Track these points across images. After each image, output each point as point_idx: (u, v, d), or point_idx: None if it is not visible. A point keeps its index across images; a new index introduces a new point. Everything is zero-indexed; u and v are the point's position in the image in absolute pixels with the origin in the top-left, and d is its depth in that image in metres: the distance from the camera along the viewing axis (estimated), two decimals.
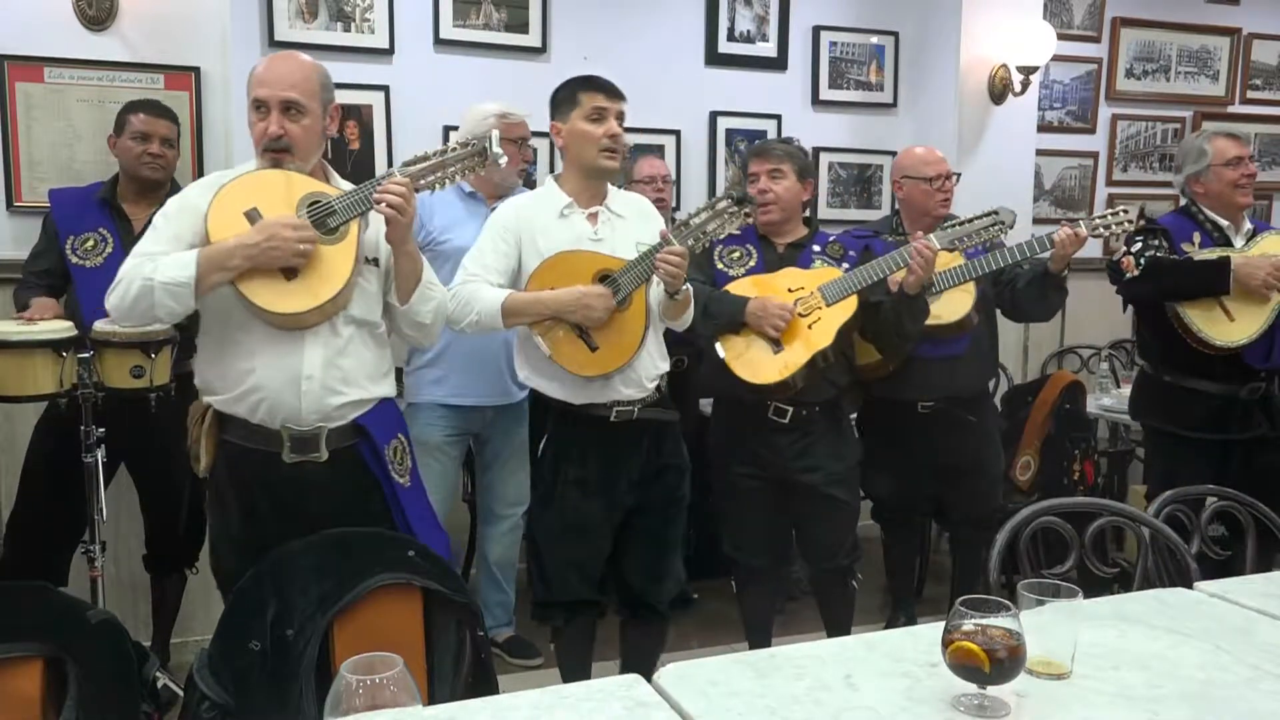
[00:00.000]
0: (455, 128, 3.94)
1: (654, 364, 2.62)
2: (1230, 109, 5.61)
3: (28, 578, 2.79)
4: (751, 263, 2.95)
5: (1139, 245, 3.12)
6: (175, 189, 3.04)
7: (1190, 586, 1.83)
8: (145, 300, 2.08)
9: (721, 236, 2.60)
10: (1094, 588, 1.70)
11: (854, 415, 3.35)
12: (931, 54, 4.68)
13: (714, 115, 4.47)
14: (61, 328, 2.64)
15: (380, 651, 1.09)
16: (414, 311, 2.29)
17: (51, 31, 3.14)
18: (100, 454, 2.64)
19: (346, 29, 3.88)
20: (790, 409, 2.84)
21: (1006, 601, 1.31)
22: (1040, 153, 4.93)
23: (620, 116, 2.60)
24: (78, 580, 2.86)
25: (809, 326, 2.80)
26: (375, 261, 2.27)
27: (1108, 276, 3.27)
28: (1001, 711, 1.31)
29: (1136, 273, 3.08)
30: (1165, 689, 1.40)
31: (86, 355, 2.59)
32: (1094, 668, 1.44)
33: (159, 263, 2.09)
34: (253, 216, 2.11)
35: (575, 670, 2.74)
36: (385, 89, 3.93)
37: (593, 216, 2.62)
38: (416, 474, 2.39)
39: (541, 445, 2.69)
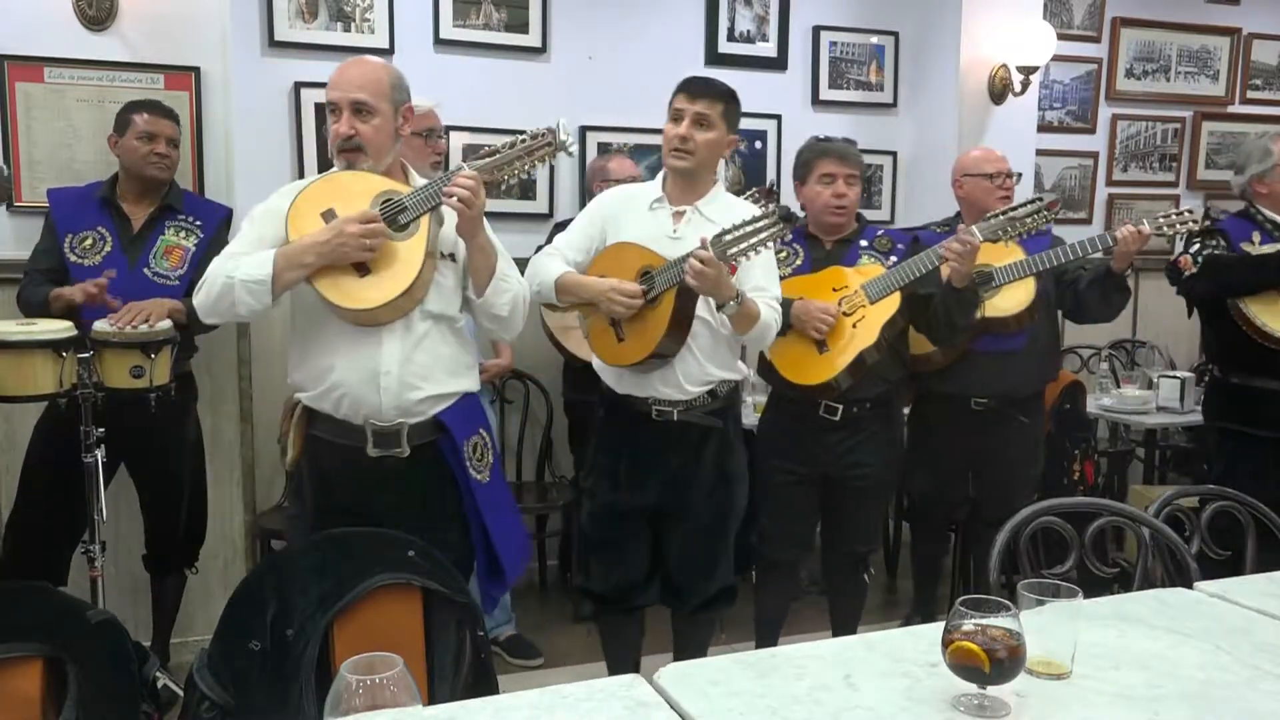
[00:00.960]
0: (455, 128, 3.95)
1: (703, 370, 2.60)
2: (1230, 109, 5.61)
3: (27, 578, 2.80)
4: (798, 261, 2.97)
5: (1196, 245, 3.13)
6: (175, 189, 3.05)
7: (1190, 586, 1.83)
8: (227, 297, 2.18)
9: (759, 252, 2.51)
10: (1094, 588, 1.70)
11: (907, 409, 3.36)
12: (931, 54, 4.68)
13: None
14: (61, 327, 2.64)
15: (380, 651, 1.09)
16: (490, 304, 2.32)
17: (51, 31, 3.14)
18: (100, 454, 2.64)
19: (346, 29, 3.88)
20: (840, 407, 2.87)
21: (1006, 601, 1.31)
22: (1040, 153, 4.93)
23: (699, 118, 2.56)
24: (78, 580, 2.86)
25: (854, 325, 2.83)
26: (452, 256, 2.30)
27: (1167, 278, 3.28)
28: (1001, 711, 1.31)
29: (1195, 270, 3.08)
30: (1165, 689, 1.40)
31: (86, 355, 2.59)
32: (1094, 668, 1.44)
33: (240, 262, 2.18)
34: (328, 217, 2.19)
35: (618, 662, 2.79)
36: None
37: (678, 215, 2.63)
38: (497, 469, 2.43)
39: (595, 431, 2.79)
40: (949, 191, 3.46)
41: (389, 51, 3.92)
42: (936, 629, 1.36)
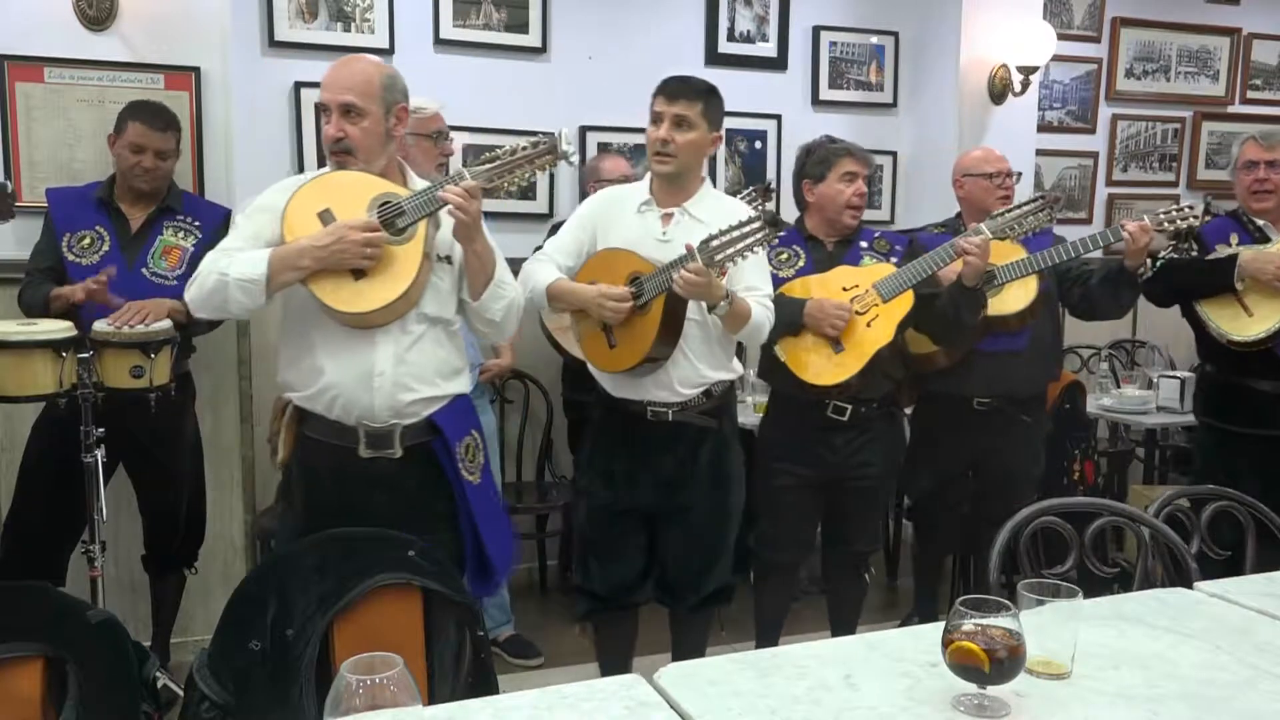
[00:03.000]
0: (455, 128, 3.95)
1: (696, 372, 2.60)
2: (1230, 109, 5.61)
3: (27, 577, 2.80)
4: (801, 263, 2.96)
5: (1169, 248, 3.13)
6: (174, 190, 3.03)
7: (1190, 586, 1.83)
8: (219, 294, 2.17)
9: (747, 257, 2.50)
10: (1094, 588, 1.70)
11: (909, 410, 3.36)
12: (931, 54, 4.68)
13: None
14: (61, 328, 2.64)
15: (380, 651, 1.09)
16: (485, 308, 2.32)
17: (51, 31, 3.14)
18: (100, 454, 2.64)
19: (346, 29, 3.88)
20: (849, 407, 2.86)
21: (1006, 601, 1.31)
22: (1040, 153, 4.93)
23: (678, 120, 2.55)
24: (78, 580, 2.86)
25: (867, 324, 2.82)
26: (449, 259, 2.29)
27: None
28: (1001, 711, 1.31)
29: (1150, 274, 3.09)
30: (1165, 689, 1.40)
31: (86, 355, 2.59)
32: (1094, 668, 1.44)
33: (234, 259, 2.17)
34: (325, 217, 2.17)
35: (611, 663, 2.78)
36: None
37: (667, 217, 2.62)
38: (488, 470, 2.43)
39: (588, 432, 2.80)
40: (949, 191, 3.46)
41: (389, 51, 3.92)
42: (936, 629, 1.36)
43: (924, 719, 1.30)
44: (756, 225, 2.39)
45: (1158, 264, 3.09)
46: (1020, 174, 3.40)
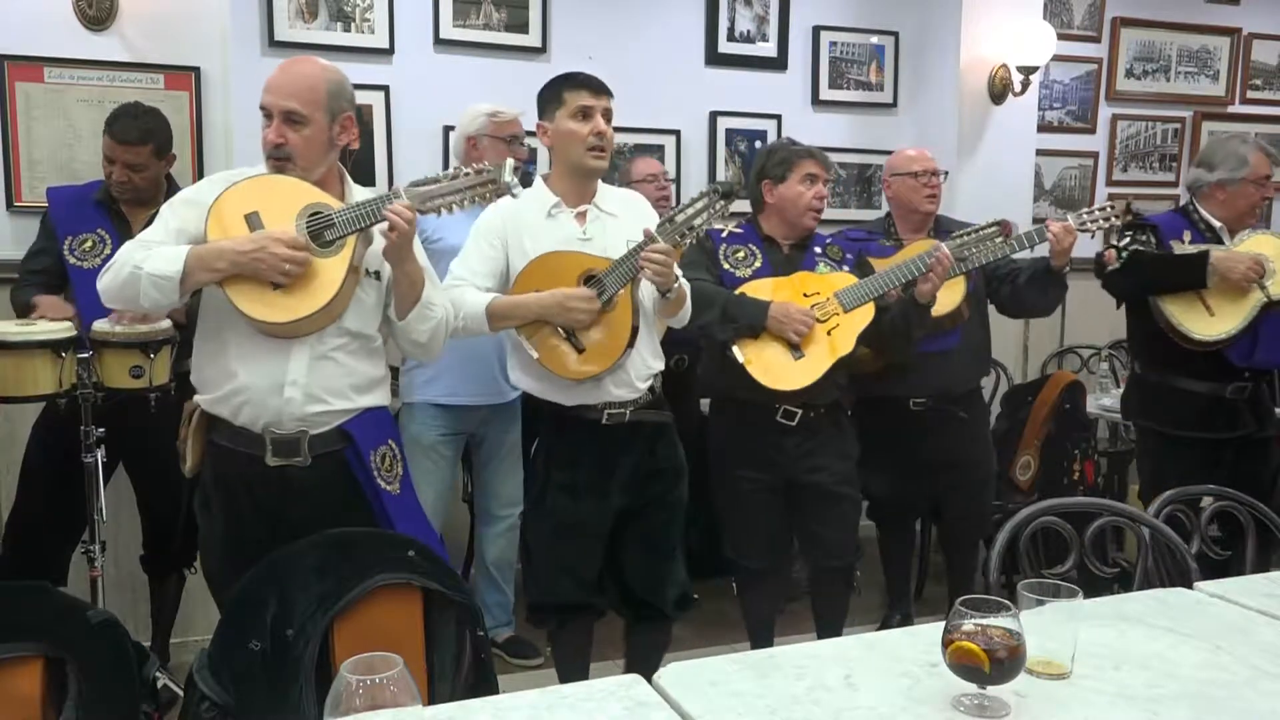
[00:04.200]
0: (454, 128, 3.95)
1: (645, 364, 2.59)
2: (1230, 109, 5.61)
3: (28, 576, 2.80)
4: (757, 264, 2.94)
5: (1126, 240, 3.11)
6: (173, 189, 3.02)
7: (1190, 586, 1.83)
8: (132, 287, 2.10)
9: (706, 230, 2.53)
10: (1094, 588, 1.70)
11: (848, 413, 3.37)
12: (931, 54, 4.68)
13: (714, 115, 4.47)
14: (61, 328, 2.63)
15: (380, 651, 1.09)
16: (410, 329, 2.27)
17: (51, 31, 3.14)
18: (100, 454, 2.64)
19: (346, 29, 3.88)
20: (799, 411, 2.85)
21: (1006, 601, 1.31)
22: (1040, 153, 4.93)
23: (607, 114, 2.55)
24: (78, 580, 2.86)
25: (828, 333, 2.81)
26: (377, 275, 2.24)
27: (1094, 271, 3.27)
28: (1001, 711, 1.31)
29: (1118, 265, 3.08)
30: (1165, 689, 1.40)
31: (86, 355, 2.59)
32: (1094, 668, 1.44)
33: (152, 252, 2.10)
34: (252, 221, 2.11)
35: (572, 672, 2.73)
36: (385, 89, 3.93)
37: (581, 216, 2.59)
38: (408, 481, 2.36)
39: (534, 448, 2.70)
40: (948, 192, 3.46)
41: (389, 51, 3.92)
42: (936, 629, 1.36)
43: (924, 719, 1.30)
44: (713, 198, 2.41)
45: (1124, 255, 3.07)
46: (947, 173, 3.39)
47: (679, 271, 2.53)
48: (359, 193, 2.28)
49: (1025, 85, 4.54)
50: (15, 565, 2.89)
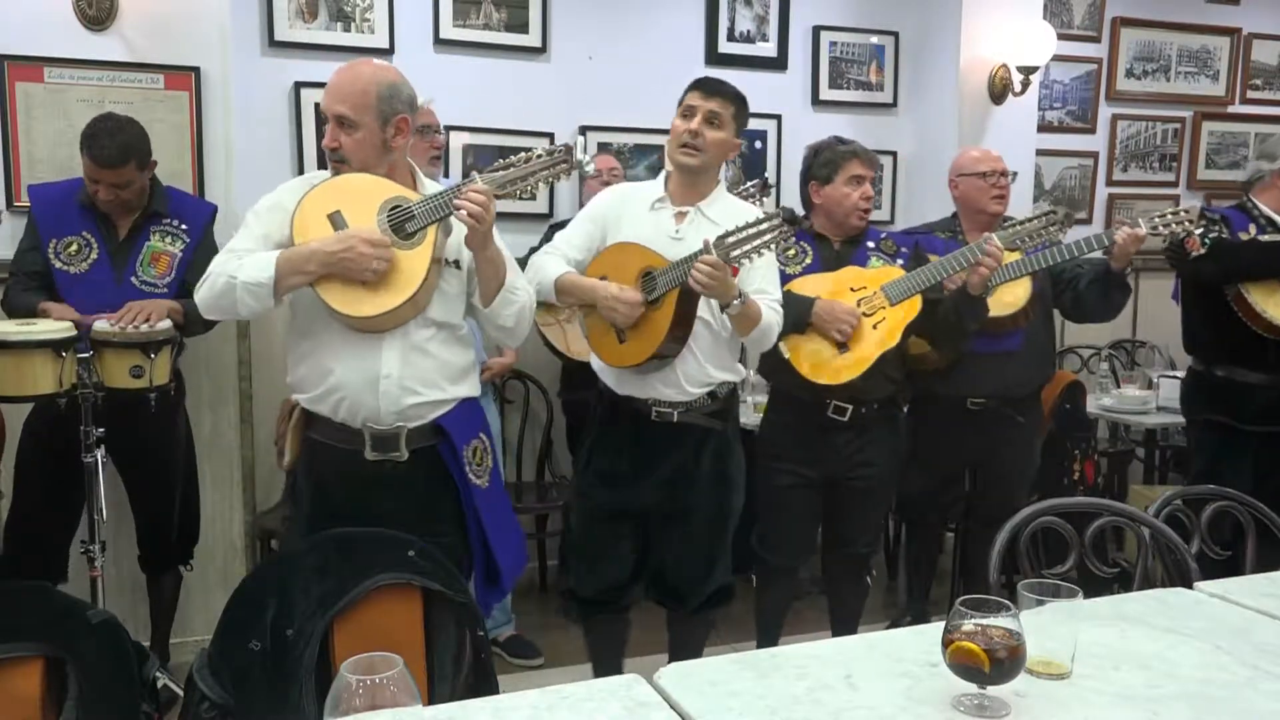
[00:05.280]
0: (455, 128, 3.95)
1: (705, 371, 2.59)
2: (1230, 109, 5.61)
3: (29, 574, 2.80)
4: (808, 260, 2.96)
5: (1201, 229, 3.12)
6: (158, 193, 2.96)
7: (1190, 586, 1.83)
8: (228, 297, 2.17)
9: (762, 254, 2.48)
10: (1094, 588, 1.70)
11: (904, 409, 3.37)
12: (931, 54, 4.68)
13: None
14: (61, 328, 2.63)
15: (380, 651, 1.09)
16: (495, 315, 2.31)
17: (51, 31, 3.14)
18: (100, 454, 2.64)
19: (346, 29, 3.88)
20: (850, 407, 2.86)
21: (1006, 601, 1.31)
22: (1040, 153, 4.93)
23: (711, 115, 2.55)
24: (78, 580, 2.86)
25: (874, 326, 2.82)
26: (457, 264, 2.28)
27: (1168, 260, 3.27)
28: (1001, 711, 1.31)
29: (1202, 251, 3.07)
30: (1165, 689, 1.40)
31: (86, 355, 2.59)
32: (1094, 668, 1.44)
33: (244, 261, 2.16)
34: (335, 220, 2.17)
35: (604, 665, 2.78)
36: None
37: (680, 215, 2.62)
38: (496, 474, 2.42)
39: (585, 433, 2.78)
40: (949, 191, 3.46)
41: (389, 51, 3.92)
42: (936, 629, 1.36)
43: (924, 719, 1.30)
44: (775, 222, 2.38)
45: (1207, 242, 3.07)
46: (1016, 174, 3.39)
47: (746, 292, 2.47)
48: (430, 185, 2.33)
49: (1025, 85, 4.54)
50: (16, 562, 2.89)
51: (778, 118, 4.56)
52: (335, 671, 1.09)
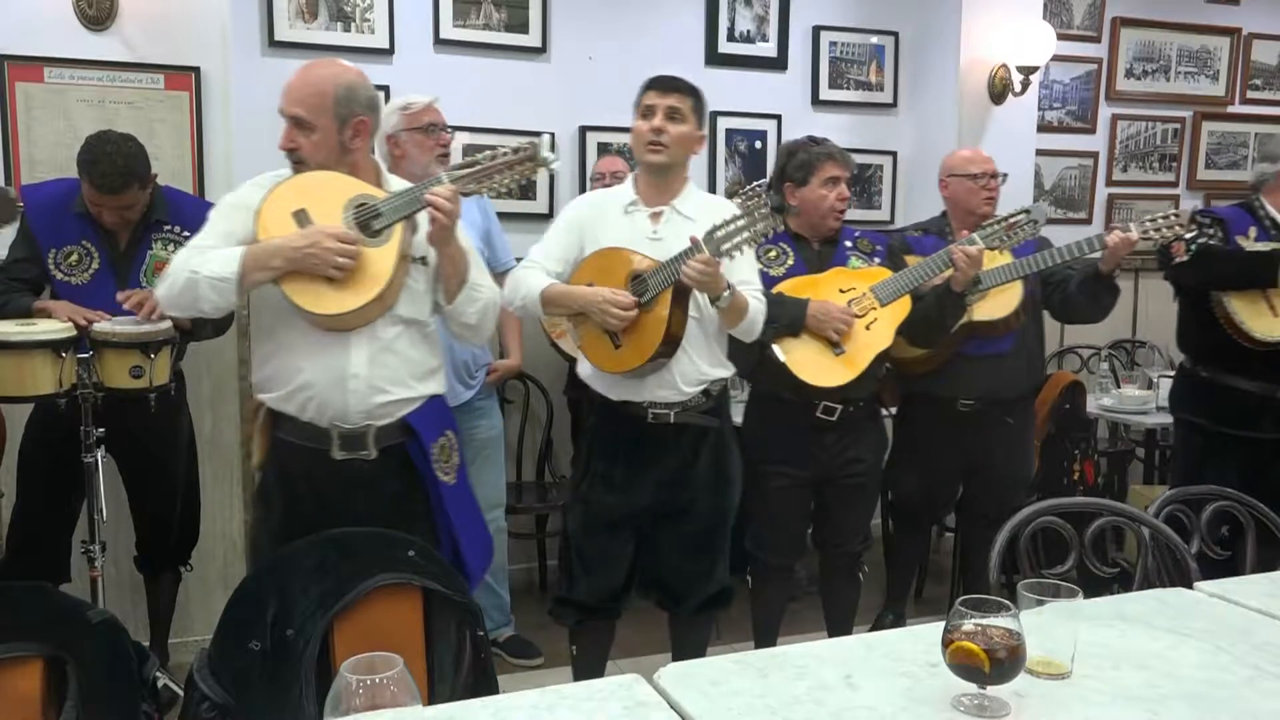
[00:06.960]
0: (455, 128, 3.94)
1: (698, 369, 2.59)
2: (1230, 109, 5.61)
3: (33, 571, 2.80)
4: (790, 262, 2.96)
5: (1193, 233, 3.11)
6: (158, 198, 2.92)
7: (1190, 586, 1.83)
8: (190, 292, 2.15)
9: (752, 245, 2.51)
10: (1094, 588, 1.70)
11: (893, 410, 3.38)
12: (931, 54, 4.68)
13: (714, 115, 4.46)
14: (61, 328, 2.63)
15: (380, 651, 1.09)
16: (459, 312, 2.30)
17: (51, 31, 3.14)
18: (100, 454, 2.63)
19: (346, 29, 3.88)
20: (839, 407, 2.87)
21: (1006, 601, 1.31)
22: (1040, 153, 4.93)
23: (671, 111, 2.56)
24: (78, 580, 2.86)
25: (866, 327, 2.84)
26: (424, 260, 2.27)
27: (1156, 262, 3.27)
28: (1001, 711, 1.31)
29: (1185, 258, 3.06)
30: (1165, 689, 1.40)
31: (86, 355, 2.59)
32: (1094, 668, 1.44)
33: (206, 256, 2.15)
34: (300, 218, 2.15)
35: (587, 671, 2.75)
36: (385, 89, 3.90)
37: (655, 215, 2.61)
38: (463, 472, 2.40)
39: (582, 437, 2.77)
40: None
41: (389, 51, 3.92)
42: (936, 629, 1.36)
43: (924, 719, 1.30)
44: (762, 213, 2.39)
45: (1192, 249, 3.05)
46: (1006, 175, 3.39)
47: (733, 284, 2.49)
48: (396, 183, 2.31)
49: (1025, 85, 4.54)
50: (18, 560, 2.88)
51: (778, 118, 4.56)
52: (335, 671, 1.09)
